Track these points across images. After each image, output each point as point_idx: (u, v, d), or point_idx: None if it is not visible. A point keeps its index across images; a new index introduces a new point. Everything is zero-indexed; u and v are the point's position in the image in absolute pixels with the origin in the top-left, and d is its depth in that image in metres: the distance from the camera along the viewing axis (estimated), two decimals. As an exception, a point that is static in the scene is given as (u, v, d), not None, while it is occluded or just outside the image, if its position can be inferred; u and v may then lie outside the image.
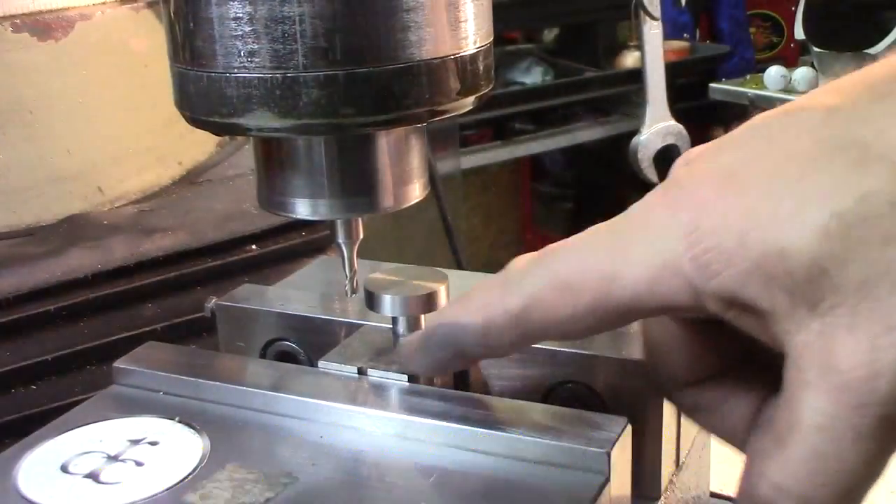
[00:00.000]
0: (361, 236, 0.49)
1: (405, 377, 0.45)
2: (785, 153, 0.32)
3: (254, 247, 0.72)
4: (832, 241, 0.30)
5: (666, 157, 2.06)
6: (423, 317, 0.46)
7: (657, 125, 2.11)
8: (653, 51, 2.08)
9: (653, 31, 2.06)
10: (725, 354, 0.37)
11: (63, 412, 0.46)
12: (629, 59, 2.68)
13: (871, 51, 1.96)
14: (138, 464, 0.41)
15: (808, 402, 0.31)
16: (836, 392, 0.30)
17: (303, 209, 0.46)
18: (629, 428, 0.41)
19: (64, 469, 0.41)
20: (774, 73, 2.31)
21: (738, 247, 0.31)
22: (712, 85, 2.51)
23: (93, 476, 0.41)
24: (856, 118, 0.31)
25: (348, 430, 0.43)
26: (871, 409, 0.30)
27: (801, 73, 2.25)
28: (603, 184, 2.83)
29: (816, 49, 2.12)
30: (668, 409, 0.45)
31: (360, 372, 0.46)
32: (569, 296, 0.35)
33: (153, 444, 0.43)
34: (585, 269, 0.35)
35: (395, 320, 0.46)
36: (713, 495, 0.56)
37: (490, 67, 0.46)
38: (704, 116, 2.59)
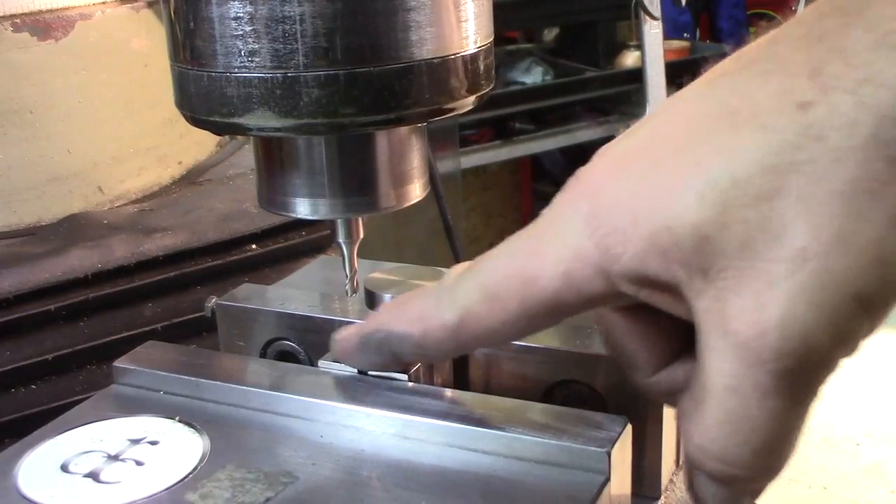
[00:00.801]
0: (362, 236, 0.49)
1: (405, 376, 0.45)
2: (667, 131, 0.33)
3: (254, 246, 0.72)
4: (710, 207, 0.31)
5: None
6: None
7: (657, 125, 2.11)
8: (653, 51, 2.07)
9: (653, 31, 2.06)
10: (679, 331, 0.37)
11: (63, 412, 0.46)
12: (629, 59, 2.68)
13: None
14: (138, 463, 0.41)
15: (714, 366, 0.32)
16: (735, 353, 0.31)
17: (303, 209, 0.47)
18: (629, 427, 0.41)
19: (64, 468, 0.41)
20: (774, 73, 2.30)
21: (633, 226, 0.32)
22: (712, 85, 2.51)
23: (93, 475, 0.41)
24: (727, 88, 0.32)
25: (348, 429, 0.43)
26: (767, 366, 0.30)
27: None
28: (603, 184, 2.82)
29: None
30: (669, 409, 0.45)
31: (360, 372, 0.46)
32: (497, 305, 0.36)
33: (153, 443, 0.43)
34: (507, 277, 0.36)
35: (395, 320, 0.46)
36: (713, 495, 0.56)
37: (490, 67, 0.46)
38: (704, 116, 2.58)
